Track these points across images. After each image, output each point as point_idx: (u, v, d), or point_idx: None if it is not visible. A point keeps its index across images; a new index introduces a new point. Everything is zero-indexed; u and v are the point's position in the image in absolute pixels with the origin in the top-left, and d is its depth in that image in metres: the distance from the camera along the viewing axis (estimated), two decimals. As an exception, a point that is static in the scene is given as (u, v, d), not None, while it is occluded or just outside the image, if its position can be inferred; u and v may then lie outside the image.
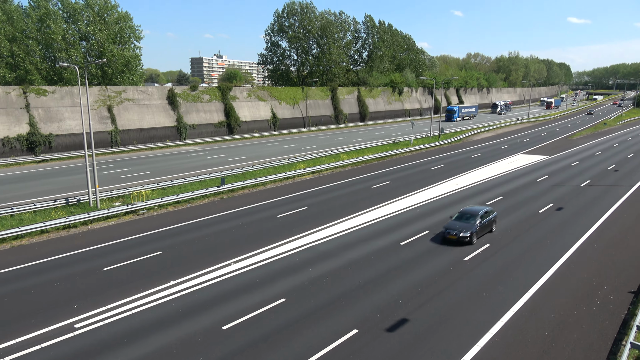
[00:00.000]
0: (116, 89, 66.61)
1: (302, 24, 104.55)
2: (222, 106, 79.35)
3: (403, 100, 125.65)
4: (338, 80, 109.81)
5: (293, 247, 25.47)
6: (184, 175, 44.79)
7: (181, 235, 27.57)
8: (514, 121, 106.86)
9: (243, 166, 48.63)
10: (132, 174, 45.90)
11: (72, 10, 68.50)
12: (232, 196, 37.61)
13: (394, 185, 41.44)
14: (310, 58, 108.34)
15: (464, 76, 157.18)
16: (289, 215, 31.66)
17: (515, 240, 26.48)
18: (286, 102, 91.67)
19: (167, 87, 78.71)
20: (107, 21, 70.78)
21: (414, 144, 67.00)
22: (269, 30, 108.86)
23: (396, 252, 24.63)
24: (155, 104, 70.26)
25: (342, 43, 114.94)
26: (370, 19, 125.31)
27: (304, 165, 48.99)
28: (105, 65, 68.70)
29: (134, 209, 31.97)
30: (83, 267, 22.62)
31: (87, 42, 70.42)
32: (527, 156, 58.57)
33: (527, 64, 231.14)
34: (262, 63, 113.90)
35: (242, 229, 28.87)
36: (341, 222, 30.12)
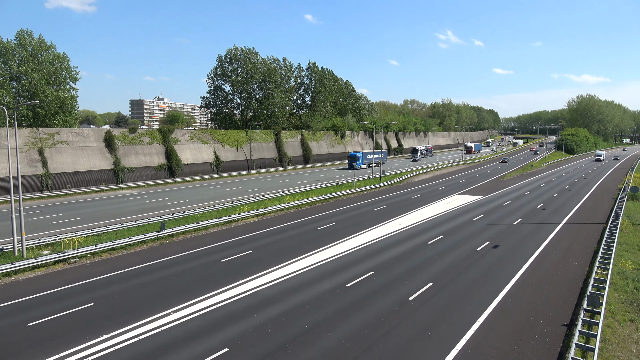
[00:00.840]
0: (49, 130, 63.54)
1: (245, 69, 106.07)
2: (163, 149, 77.60)
3: (345, 143, 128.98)
4: (282, 124, 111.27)
5: (237, 292, 24.72)
6: (121, 220, 42.81)
7: (116, 285, 26.00)
8: (449, 163, 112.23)
9: (184, 210, 47.31)
10: (64, 220, 43.24)
11: (2, 49, 65.63)
12: (172, 241, 36.25)
13: (338, 226, 41.75)
14: (254, 102, 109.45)
15: (402, 121, 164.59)
16: (232, 260, 30.87)
17: (457, 279, 27.24)
18: (230, 144, 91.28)
19: (104, 129, 76.11)
20: (41, 61, 68.30)
21: (357, 185, 68.33)
22: (212, 74, 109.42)
23: (342, 294, 24.52)
24: (91, 146, 67.55)
25: (286, 88, 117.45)
26: (314, 65, 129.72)
27: (248, 208, 48.43)
28: (37, 106, 65.69)
29: (64, 257, 29.91)
30: (4, 323, 20.62)
31: (19, 83, 67.27)
32: (464, 196, 61.31)
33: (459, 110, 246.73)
34: (205, 106, 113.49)
35: (183, 275, 27.72)
36: (286, 265, 29.73)
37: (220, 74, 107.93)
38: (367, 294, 24.65)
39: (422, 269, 29.07)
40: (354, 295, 24.40)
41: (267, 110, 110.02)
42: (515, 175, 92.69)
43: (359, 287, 25.70)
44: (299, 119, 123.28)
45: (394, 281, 26.63)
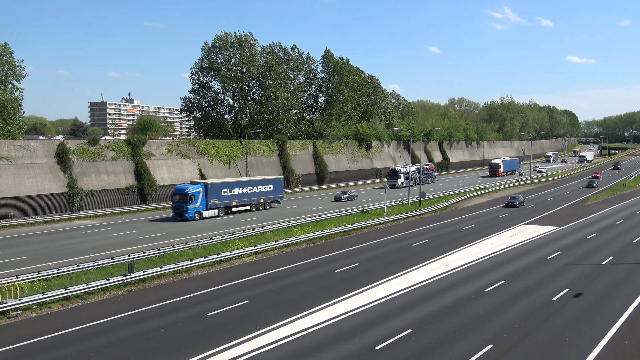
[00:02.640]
0: (-16, 143, 64.91)
1: (239, 61, 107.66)
2: (132, 165, 78.63)
3: (372, 156, 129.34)
4: (288, 132, 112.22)
5: (229, 356, 24.59)
6: (77, 260, 43.19)
7: (68, 347, 26.04)
8: (513, 182, 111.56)
9: (160, 246, 47.63)
10: (3, 260, 43.74)
11: None
12: (144, 288, 36.35)
13: (364, 268, 41.51)
14: (251, 103, 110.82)
15: (447, 127, 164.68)
16: (222, 313, 30.79)
17: (526, 339, 26.74)
18: (219, 159, 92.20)
19: (56, 140, 77.55)
20: (-24, 54, 70.28)
21: (388, 213, 68.19)
22: (196, 68, 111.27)
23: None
24: (39, 163, 68.74)
25: (293, 85, 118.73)
26: (329, 54, 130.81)
27: (243, 243, 48.56)
28: (-30, 111, 67.35)
29: (2, 309, 30.12)
30: None
31: (-53, 81, 69.25)
32: (533, 227, 60.69)
33: (524, 111, 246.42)
34: (187, 109, 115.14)
35: (157, 335, 27.67)
36: (293, 321, 29.55)
37: (207, 67, 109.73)
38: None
39: (478, 325, 28.65)
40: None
41: (268, 114, 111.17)
42: (602, 198, 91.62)
43: (392, 350, 25.37)
44: (310, 125, 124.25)
45: (441, 343, 26.24)
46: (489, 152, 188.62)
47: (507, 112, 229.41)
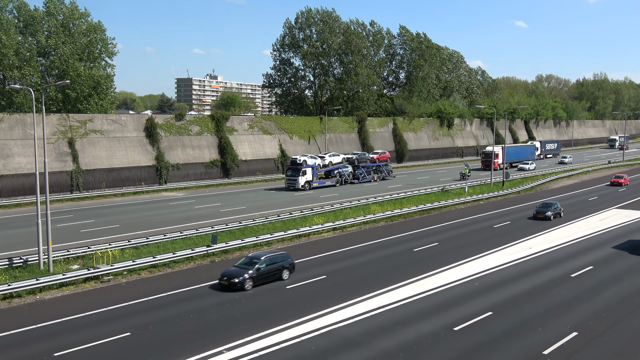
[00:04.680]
0: (80, 117, 68.66)
1: (321, 37, 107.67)
2: (215, 140, 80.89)
3: (454, 134, 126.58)
4: (367, 109, 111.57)
5: (305, 330, 25.04)
6: (164, 230, 45.12)
7: (156, 312, 27.41)
8: (603, 164, 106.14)
9: (241, 219, 48.88)
10: (97, 228, 46.41)
11: (29, 18, 71.99)
12: (226, 259, 37.57)
13: (443, 248, 41.03)
14: (332, 80, 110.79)
15: (534, 104, 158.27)
16: (301, 287, 31.39)
17: (614, 328, 25.60)
18: (299, 135, 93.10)
19: (145, 115, 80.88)
20: (73, 33, 74.03)
21: (469, 193, 66.80)
22: (278, 45, 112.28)
23: (448, 341, 23.99)
24: (130, 137, 72.00)
25: (374, 61, 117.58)
26: (405, 30, 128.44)
27: (322, 219, 49.05)
28: (68, 87, 71.27)
29: (96, 273, 32.10)
30: (26, 352, 22.50)
31: (47, 59, 73.45)
32: (626, 211, 57.61)
33: (618, 89, 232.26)
34: (269, 86, 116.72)
35: (238, 303, 28.61)
36: (370, 297, 29.69)
37: (289, 43, 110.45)
38: (482, 342, 23.91)
39: (562, 311, 27.71)
40: (465, 344, 23.76)
41: (348, 91, 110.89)
42: None
43: (471, 332, 25.00)
44: (390, 102, 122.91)
45: (522, 327, 25.60)
46: (578, 132, 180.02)
47: (599, 90, 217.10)
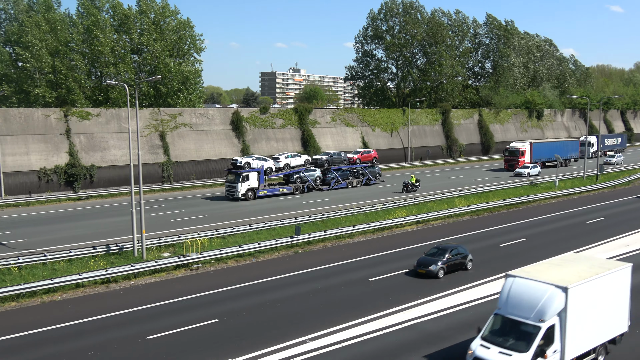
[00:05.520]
0: (170, 111, 71.53)
1: (404, 28, 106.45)
2: (298, 133, 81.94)
3: (543, 126, 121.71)
4: (451, 100, 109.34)
5: (389, 323, 24.97)
6: (249, 221, 46.24)
7: (243, 300, 28.19)
8: None
9: (324, 211, 49.28)
10: (186, 217, 48.27)
11: (123, 17, 75.61)
12: (309, 250, 38.05)
13: (531, 243, 39.66)
14: (415, 71, 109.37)
15: (631, 94, 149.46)
16: (383, 280, 31.29)
17: None
18: (381, 128, 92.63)
19: (231, 109, 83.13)
20: (163, 30, 77.12)
21: (559, 187, 64.16)
22: (361, 37, 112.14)
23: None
24: (217, 130, 74.26)
25: (458, 51, 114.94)
26: (493, 18, 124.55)
27: (404, 212, 48.64)
28: (159, 82, 74.36)
29: (186, 261, 33.42)
30: (122, 334, 23.79)
31: (139, 55, 76.97)
32: None
33: None
34: (351, 78, 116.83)
35: (321, 294, 28.91)
36: (455, 292, 29.16)
37: (372, 35, 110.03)
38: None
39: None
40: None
41: (431, 82, 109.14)
42: None
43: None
44: (475, 92, 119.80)
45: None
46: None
47: None
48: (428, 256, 32.75)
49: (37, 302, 27.99)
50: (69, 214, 51.07)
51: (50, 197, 57.78)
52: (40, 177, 60.04)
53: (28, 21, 69.36)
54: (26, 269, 32.13)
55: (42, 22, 69.97)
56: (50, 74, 71.09)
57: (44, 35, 69.80)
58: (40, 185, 60.06)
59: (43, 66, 69.97)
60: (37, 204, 56.01)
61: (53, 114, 62.75)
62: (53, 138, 61.85)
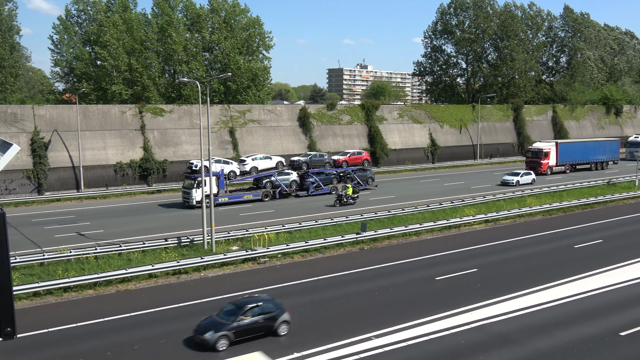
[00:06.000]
0: (240, 107, 72.92)
1: (475, 22, 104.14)
2: (365, 129, 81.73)
3: (622, 123, 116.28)
4: (524, 96, 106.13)
5: (455, 323, 24.55)
6: (314, 216, 46.56)
7: (308, 294, 28.43)
8: None
9: (390, 208, 48.98)
10: (253, 212, 49.15)
11: (195, 17, 77.63)
12: (374, 247, 37.94)
13: (608, 245, 38.03)
14: (485, 66, 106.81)
15: None
16: (451, 279, 30.83)
17: None
18: (450, 124, 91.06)
19: (298, 105, 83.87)
20: (234, 28, 78.68)
21: (639, 187, 61.17)
22: (430, 32, 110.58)
23: (613, 346, 22.23)
24: (284, 126, 75.11)
25: (532, 45, 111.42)
26: (570, 10, 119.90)
27: (473, 210, 47.67)
28: (229, 79, 75.93)
29: (253, 255, 34.03)
30: (191, 324, 24.47)
31: (210, 53, 78.87)
32: None
33: None
34: (419, 74, 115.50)
35: (387, 292, 28.78)
36: (526, 294, 28.34)
37: (441, 30, 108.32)
38: (654, 350, 21.84)
39: None
40: (634, 351, 21.86)
41: (503, 78, 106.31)
42: None
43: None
44: (549, 88, 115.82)
45: (703, 336, 22.94)
46: None
47: None
48: (213, 318, 22.99)
49: (112, 291, 29.25)
50: (143, 206, 53.03)
51: (126, 190, 60.25)
52: (117, 170, 62.64)
53: (106, 21, 72.44)
54: (103, 259, 33.62)
55: (119, 22, 72.87)
56: (126, 72, 73.95)
57: (121, 35, 72.65)
58: (117, 179, 62.66)
59: (120, 64, 72.85)
60: (113, 197, 58.52)
61: (129, 110, 65.31)
62: (128, 133, 64.37)
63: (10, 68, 71.93)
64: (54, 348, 22.30)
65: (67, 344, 22.65)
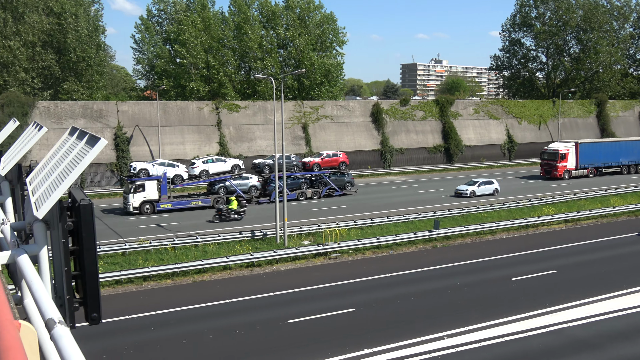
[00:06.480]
0: (313, 103, 73.48)
1: (556, 14, 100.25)
2: (439, 125, 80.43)
3: None
4: (608, 91, 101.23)
5: (531, 326, 23.77)
6: (387, 212, 46.34)
7: (379, 291, 28.33)
8: None
9: (464, 206, 48.07)
10: (325, 207, 49.46)
11: (270, 14, 78.86)
12: (447, 245, 37.35)
13: (700, 249, 35.70)
14: (567, 60, 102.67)
15: None
16: (528, 280, 29.88)
17: None
18: (528, 120, 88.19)
19: (371, 101, 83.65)
20: (308, 24, 79.34)
21: None
22: (508, 25, 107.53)
23: None
24: (356, 122, 75.06)
25: (618, 37, 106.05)
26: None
27: (552, 210, 46.03)
28: (303, 76, 76.68)
29: (325, 250, 34.27)
30: (264, 316, 24.98)
31: (285, 50, 79.90)
32: None
33: None
34: (496, 68, 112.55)
35: (460, 291, 28.26)
36: (608, 298, 27.03)
37: (520, 22, 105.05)
38: None
39: None
40: None
41: (585, 71, 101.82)
42: None
43: None
44: (636, 82, 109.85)
45: None
46: None
47: None
48: None
49: (189, 281, 30.26)
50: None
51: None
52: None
53: (185, 20, 74.85)
54: (180, 250, 34.83)
55: (198, 21, 75.08)
56: (204, 69, 76.14)
57: (199, 33, 74.84)
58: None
59: (198, 62, 75.09)
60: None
61: (206, 106, 67.22)
62: (205, 129, 66.27)
63: (96, 66, 75.71)
64: (134, 334, 23.33)
65: (146, 331, 23.65)
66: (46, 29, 69.97)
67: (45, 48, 70.55)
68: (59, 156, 4.92)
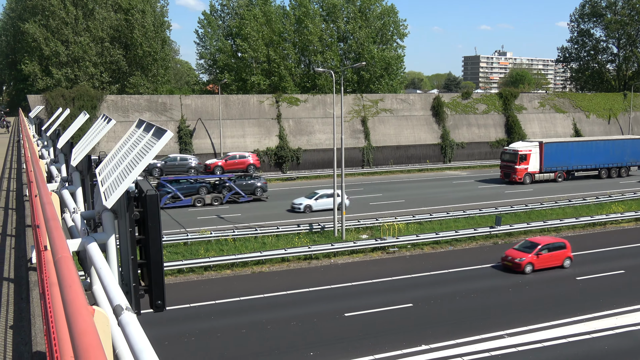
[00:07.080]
0: (372, 97, 73.07)
1: (629, 3, 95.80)
2: (502, 119, 78.48)
3: None
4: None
5: (597, 327, 22.98)
6: (446, 208, 45.66)
7: (438, 287, 28.03)
8: None
9: (527, 202, 46.81)
10: (384, 202, 49.19)
11: (331, 7, 78.81)
12: (509, 242, 36.44)
13: None
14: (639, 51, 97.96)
15: None
16: (594, 279, 28.88)
17: None
18: (597, 114, 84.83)
19: (431, 94, 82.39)
20: (368, 17, 78.85)
21: None
22: (576, 15, 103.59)
23: None
24: (416, 115, 74.17)
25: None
26: None
27: (622, 207, 44.24)
28: (362, 69, 76.34)
29: (383, 244, 34.13)
30: (321, 309, 25.14)
31: (345, 43, 79.72)
32: None
33: None
34: (563, 60, 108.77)
35: (522, 289, 27.62)
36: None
37: (589, 13, 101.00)
38: None
39: None
40: None
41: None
42: None
43: None
44: None
45: None
46: None
47: None
48: None
49: (248, 272, 30.79)
50: (277, 192, 55.06)
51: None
52: (256, 158, 65.55)
53: (247, 14, 75.83)
54: (240, 241, 35.44)
55: (260, 15, 75.92)
56: (265, 63, 76.97)
57: (261, 27, 75.66)
58: (254, 166, 65.56)
59: (259, 56, 75.98)
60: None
61: (266, 100, 67.96)
62: (265, 122, 67.03)
63: (162, 61, 77.86)
64: (195, 322, 23.93)
65: (207, 319, 24.23)
66: (114, 24, 72.65)
67: (113, 43, 73.29)
68: (126, 148, 5.07)
